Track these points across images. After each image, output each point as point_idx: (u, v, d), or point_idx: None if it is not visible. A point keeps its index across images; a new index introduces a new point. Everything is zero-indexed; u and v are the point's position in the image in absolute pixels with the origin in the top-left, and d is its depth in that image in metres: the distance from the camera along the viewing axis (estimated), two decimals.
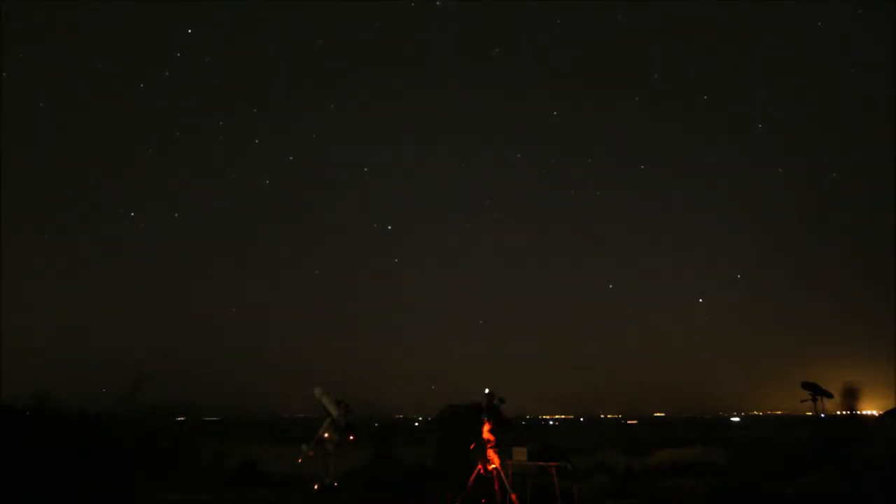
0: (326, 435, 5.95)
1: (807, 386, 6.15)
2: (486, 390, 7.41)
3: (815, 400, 6.15)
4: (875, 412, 9.65)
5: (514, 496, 7.03)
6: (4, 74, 32.14)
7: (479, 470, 7.11)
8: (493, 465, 7.12)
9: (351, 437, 6.06)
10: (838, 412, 9.02)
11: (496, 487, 7.17)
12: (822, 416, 6.34)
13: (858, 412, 8.86)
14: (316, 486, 5.99)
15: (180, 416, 12.58)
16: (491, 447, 7.19)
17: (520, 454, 7.78)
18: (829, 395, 6.18)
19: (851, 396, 8.81)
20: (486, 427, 7.27)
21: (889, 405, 8.81)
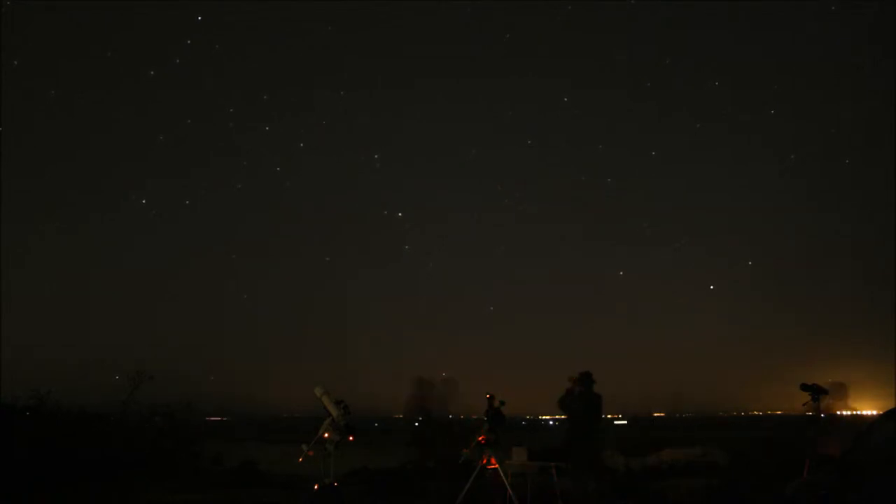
0: (326, 435, 5.97)
1: (806, 388, 6.24)
2: (487, 395, 7.48)
3: (816, 400, 6.23)
4: (875, 412, 9.67)
5: (509, 491, 7.04)
6: (15, 63, 32.02)
7: (481, 465, 7.14)
8: (493, 466, 7.14)
9: (351, 438, 6.07)
10: (838, 412, 9.07)
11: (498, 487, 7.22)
12: (823, 415, 6.42)
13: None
14: (316, 486, 6.00)
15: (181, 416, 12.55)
16: (489, 448, 7.21)
17: (520, 454, 7.81)
18: (826, 392, 6.31)
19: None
20: (485, 429, 7.30)
21: (889, 405, 8.83)
